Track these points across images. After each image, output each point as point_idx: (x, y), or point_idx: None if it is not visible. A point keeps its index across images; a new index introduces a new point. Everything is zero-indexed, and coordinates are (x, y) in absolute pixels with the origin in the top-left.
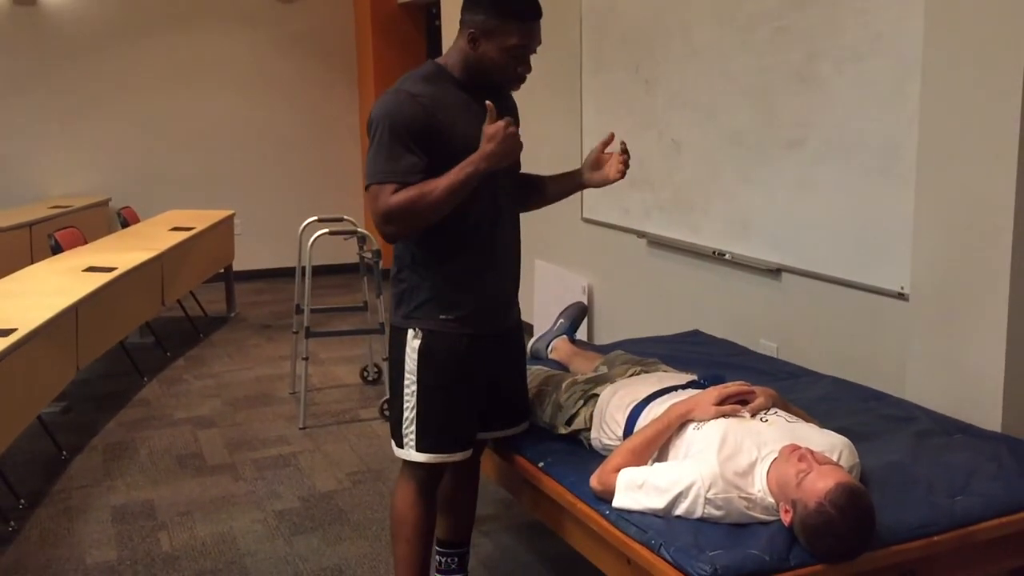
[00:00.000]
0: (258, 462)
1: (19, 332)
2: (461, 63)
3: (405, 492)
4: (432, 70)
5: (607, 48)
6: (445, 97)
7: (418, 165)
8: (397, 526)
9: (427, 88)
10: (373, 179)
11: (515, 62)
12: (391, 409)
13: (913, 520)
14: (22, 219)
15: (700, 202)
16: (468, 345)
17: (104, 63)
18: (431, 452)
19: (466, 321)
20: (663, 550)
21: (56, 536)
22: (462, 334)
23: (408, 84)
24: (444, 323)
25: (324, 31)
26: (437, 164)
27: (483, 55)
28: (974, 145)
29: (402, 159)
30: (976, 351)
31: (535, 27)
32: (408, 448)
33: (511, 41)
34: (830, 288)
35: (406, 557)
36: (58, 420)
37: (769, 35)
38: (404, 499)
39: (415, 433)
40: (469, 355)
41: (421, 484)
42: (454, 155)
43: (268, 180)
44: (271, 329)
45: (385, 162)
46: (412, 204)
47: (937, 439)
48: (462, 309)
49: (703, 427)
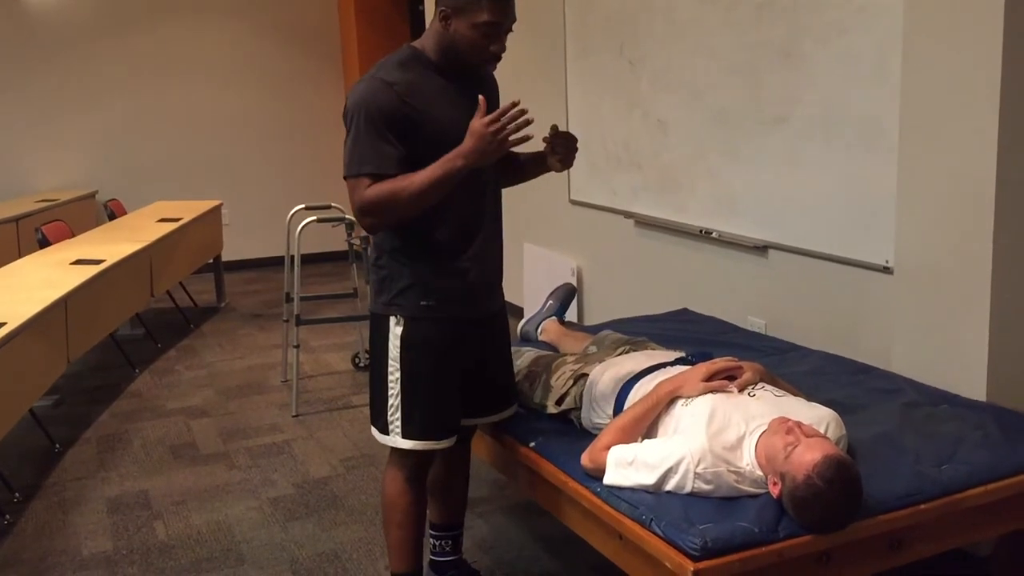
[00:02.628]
0: (251, 450)
1: (8, 326)
2: (436, 45)
3: (395, 479)
4: (407, 55)
5: (591, 30)
6: (420, 82)
7: (394, 156)
8: (389, 512)
9: (402, 74)
10: (349, 171)
11: (487, 40)
12: (372, 396)
13: (900, 489)
14: (8, 213)
15: (686, 181)
16: (451, 330)
17: (88, 56)
18: (417, 439)
19: (448, 307)
20: (654, 525)
21: (52, 528)
22: (445, 319)
23: (382, 72)
24: (426, 309)
25: (308, 19)
26: (414, 151)
27: (455, 33)
28: (956, 119)
29: (378, 150)
30: (961, 322)
31: (507, 4)
32: (394, 435)
33: (482, 17)
34: (816, 264)
35: (399, 542)
36: (50, 413)
37: (752, 11)
38: (394, 486)
39: (400, 420)
40: (452, 340)
41: (410, 471)
42: (431, 141)
43: (255, 169)
44: (261, 318)
45: (361, 153)
46: (390, 198)
47: (923, 410)
48: (444, 295)
49: (691, 403)
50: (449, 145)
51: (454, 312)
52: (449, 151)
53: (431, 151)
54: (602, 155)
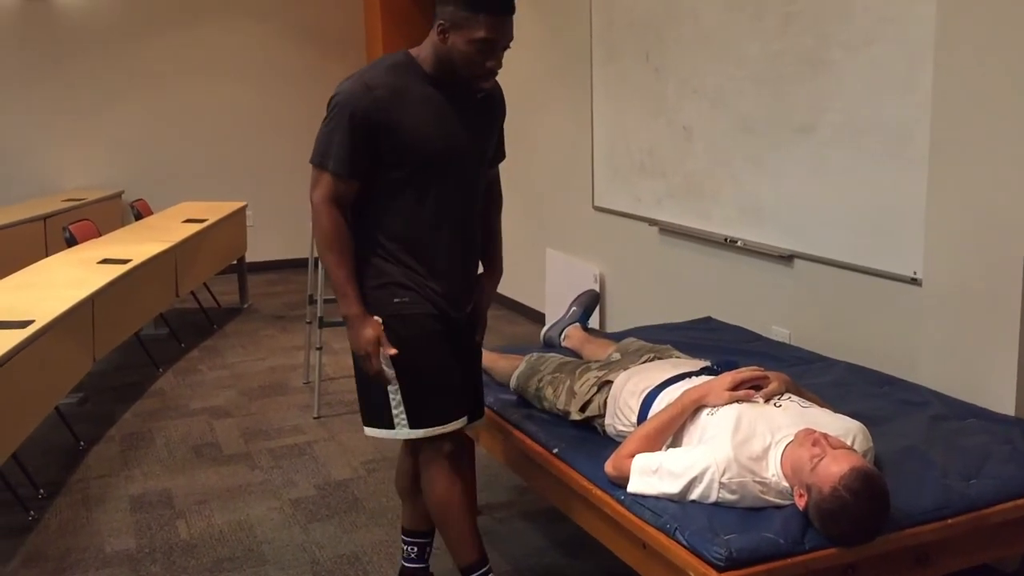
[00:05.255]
0: (274, 451)
1: (36, 324)
2: (432, 56)
3: (437, 477)
4: (401, 60)
5: (617, 37)
6: (406, 89)
7: (357, 166)
8: (443, 511)
9: (389, 79)
10: (314, 159)
11: (483, 56)
12: (363, 396)
13: (927, 503)
14: (36, 212)
15: (711, 189)
16: (431, 321)
17: (116, 56)
18: (428, 426)
19: (422, 302)
20: (678, 534)
21: (75, 525)
22: (421, 313)
23: (369, 74)
24: (400, 305)
25: (334, 21)
26: (387, 155)
27: (452, 48)
28: (988, 130)
29: (341, 153)
30: (990, 335)
31: (505, 21)
32: (400, 427)
33: (479, 34)
34: (843, 274)
35: (460, 536)
36: (75, 411)
37: (779, 20)
38: (440, 483)
39: (405, 414)
40: (433, 329)
41: (449, 462)
42: (404, 149)
43: (280, 172)
44: (284, 320)
45: (328, 148)
46: (324, 232)
47: (951, 423)
48: (416, 292)
49: (717, 412)
50: (418, 154)
51: (428, 307)
52: (417, 159)
53: (404, 157)
54: (626, 162)
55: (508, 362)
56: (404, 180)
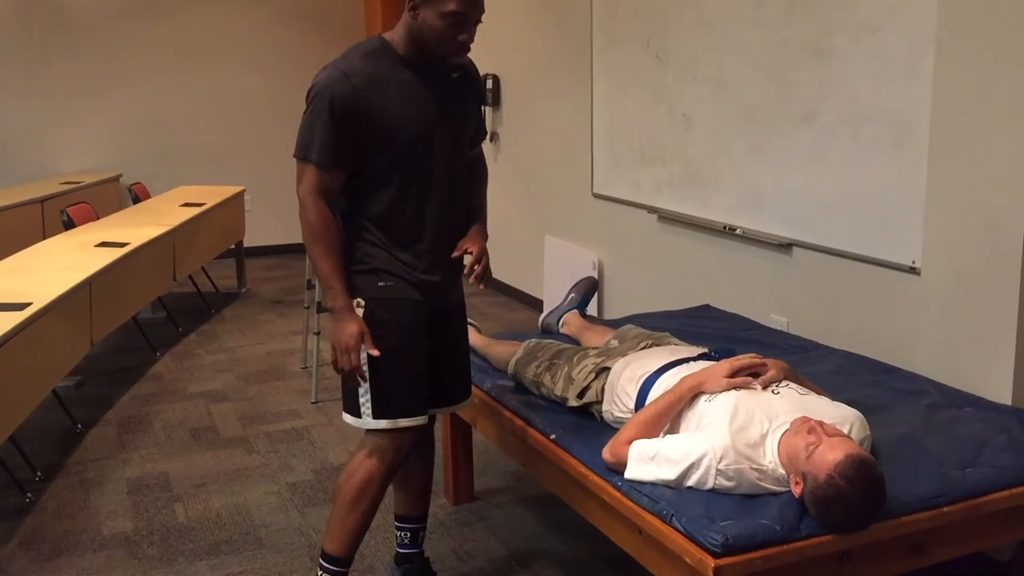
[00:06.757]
0: (271, 435)
1: (34, 306)
2: (405, 36)
3: (370, 466)
4: (376, 46)
5: (618, 22)
6: (383, 75)
7: (341, 155)
8: (356, 496)
9: (366, 66)
10: (297, 152)
11: (454, 30)
12: (343, 380)
13: (923, 491)
14: (34, 195)
15: (711, 177)
16: (412, 309)
17: (114, 40)
18: (389, 418)
19: (407, 287)
20: (675, 520)
21: (72, 507)
22: (404, 299)
23: (345, 62)
24: (384, 289)
25: (332, 5)
26: (368, 143)
27: (423, 23)
28: (988, 120)
29: (325, 142)
30: (988, 325)
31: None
32: (366, 417)
33: (450, 7)
34: (841, 262)
35: (356, 527)
36: (73, 394)
37: (782, 7)
38: (367, 472)
39: (371, 402)
40: (414, 319)
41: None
42: (385, 136)
43: (278, 156)
44: (282, 305)
45: (311, 139)
46: (310, 225)
47: (947, 412)
48: (401, 278)
49: (715, 399)
50: (400, 138)
51: (411, 292)
52: (398, 145)
53: (383, 143)
54: (626, 149)
55: (506, 348)
56: (386, 166)
